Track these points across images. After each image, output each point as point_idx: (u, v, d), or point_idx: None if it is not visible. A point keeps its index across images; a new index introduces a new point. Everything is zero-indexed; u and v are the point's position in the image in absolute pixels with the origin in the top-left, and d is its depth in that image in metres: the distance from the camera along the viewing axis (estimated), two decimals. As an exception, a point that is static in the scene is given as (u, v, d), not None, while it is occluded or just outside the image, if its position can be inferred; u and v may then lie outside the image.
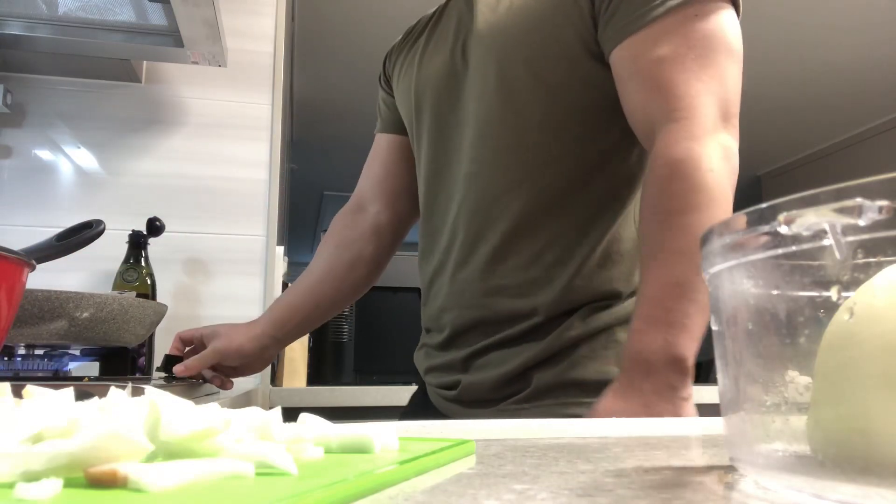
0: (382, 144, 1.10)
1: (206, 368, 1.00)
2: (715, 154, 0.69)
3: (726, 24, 0.74)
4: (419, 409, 0.97)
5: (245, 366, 1.03)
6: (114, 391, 0.26)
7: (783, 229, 0.23)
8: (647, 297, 0.68)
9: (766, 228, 0.23)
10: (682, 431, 0.47)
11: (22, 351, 0.96)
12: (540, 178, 0.82)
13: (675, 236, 0.67)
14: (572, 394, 0.77)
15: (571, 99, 0.81)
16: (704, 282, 0.66)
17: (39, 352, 0.98)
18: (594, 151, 0.82)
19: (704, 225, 0.67)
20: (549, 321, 0.80)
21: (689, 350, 0.65)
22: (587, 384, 0.77)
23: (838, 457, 0.22)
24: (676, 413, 0.64)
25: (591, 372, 0.77)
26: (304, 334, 1.17)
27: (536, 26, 0.81)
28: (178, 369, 0.96)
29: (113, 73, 1.58)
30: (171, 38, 1.39)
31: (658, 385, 0.64)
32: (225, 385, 1.03)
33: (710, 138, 0.70)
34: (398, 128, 1.06)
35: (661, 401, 0.64)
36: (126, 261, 1.43)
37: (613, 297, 0.81)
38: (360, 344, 1.88)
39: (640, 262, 0.71)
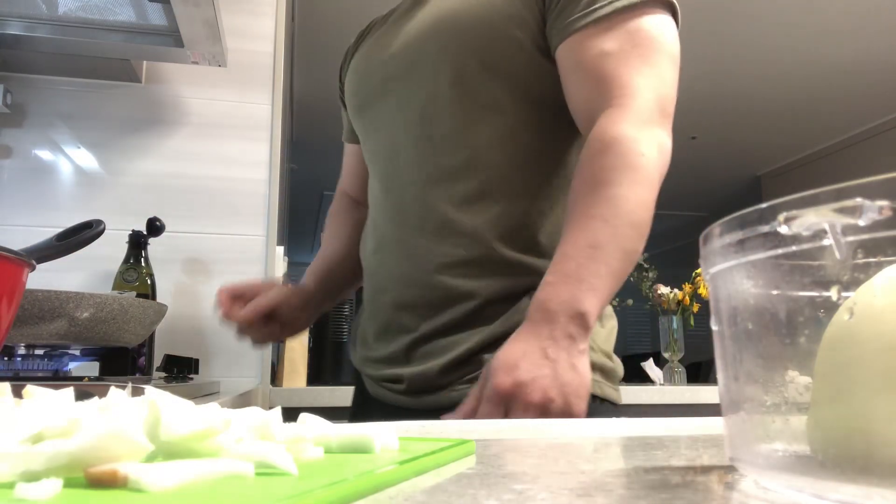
0: (351, 154, 1.15)
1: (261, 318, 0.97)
2: (649, 142, 0.73)
3: (668, 30, 0.79)
4: (364, 408, 0.95)
5: (289, 323, 1.01)
6: (114, 391, 0.26)
7: (783, 229, 0.23)
8: (561, 255, 0.70)
9: (766, 228, 0.23)
10: (682, 431, 0.47)
11: (22, 351, 0.96)
12: (485, 160, 0.83)
13: (598, 204, 0.71)
14: None
15: (520, 88, 0.83)
16: (621, 251, 0.69)
17: (39, 352, 0.98)
18: (537, 143, 0.84)
19: (629, 200, 0.70)
20: (492, 304, 0.81)
21: (593, 307, 0.68)
22: None
23: (838, 457, 0.22)
24: (570, 361, 0.66)
25: None
26: (340, 298, 1.15)
27: (488, 18, 0.83)
28: (247, 311, 0.93)
29: (113, 73, 1.58)
30: (171, 38, 1.39)
31: (557, 333, 0.67)
32: (283, 333, 1.00)
33: (646, 127, 0.74)
34: (356, 137, 1.08)
35: (558, 348, 0.66)
36: (126, 261, 1.43)
37: None
38: (360, 344, 1.87)
39: (564, 227, 0.73)
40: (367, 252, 0.94)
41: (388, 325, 0.88)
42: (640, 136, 0.72)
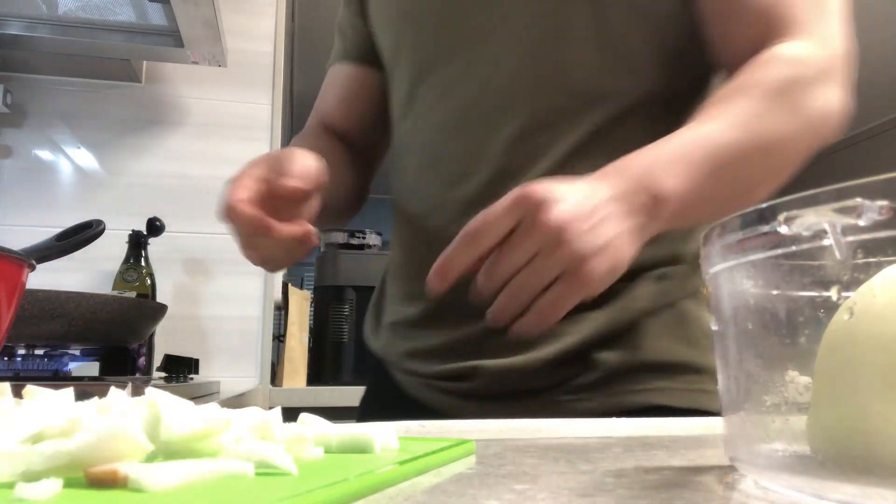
0: (351, 78, 0.85)
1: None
2: (829, 89, 0.59)
3: None
4: (393, 411, 0.68)
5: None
6: (114, 391, 0.26)
7: (783, 229, 0.23)
8: (667, 137, 0.54)
9: (766, 228, 0.23)
10: (682, 431, 0.47)
11: (22, 351, 0.96)
12: (597, 107, 0.66)
13: (739, 108, 0.56)
14: (643, 378, 0.63)
15: (658, 39, 0.67)
16: (740, 168, 0.56)
17: (39, 352, 0.98)
18: (663, 91, 0.68)
19: (780, 124, 0.57)
20: None
21: (675, 195, 0.52)
22: (660, 366, 0.63)
23: (838, 457, 0.22)
24: (618, 232, 0.49)
25: (663, 352, 0.64)
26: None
27: None
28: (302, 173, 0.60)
29: (113, 73, 1.58)
30: (171, 38, 1.39)
31: (618, 193, 0.50)
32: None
33: (831, 75, 0.59)
34: (368, 57, 0.83)
35: (611, 212, 0.49)
36: (126, 261, 1.43)
37: (675, 262, 0.67)
38: (359, 344, 1.88)
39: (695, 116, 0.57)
40: (414, 210, 0.73)
41: (441, 308, 0.67)
42: (821, 77, 0.58)
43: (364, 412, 0.81)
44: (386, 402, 0.76)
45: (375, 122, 0.84)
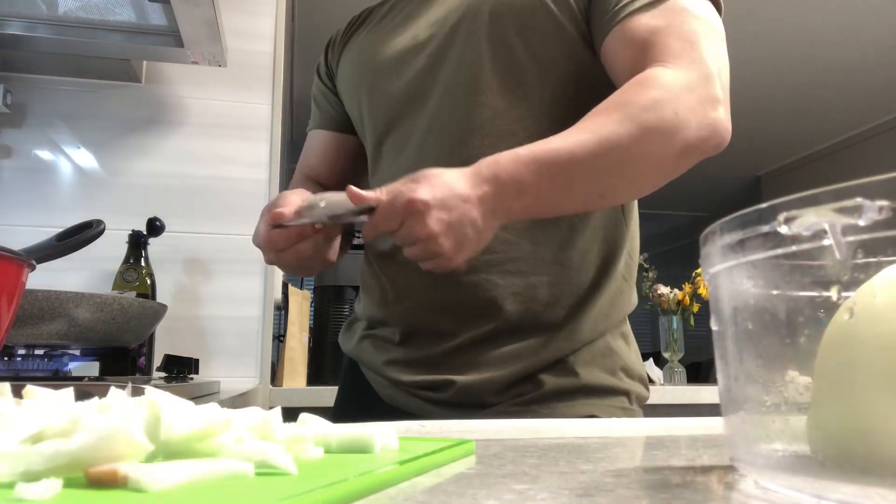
0: (328, 142, 1.01)
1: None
2: (694, 109, 0.67)
3: (716, 18, 0.76)
4: (367, 411, 0.86)
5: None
6: (114, 391, 0.26)
7: (783, 229, 0.23)
8: (538, 145, 0.66)
9: (766, 228, 0.23)
10: (682, 431, 0.47)
11: (22, 351, 0.95)
12: (509, 142, 0.78)
13: (602, 121, 0.66)
14: (580, 397, 0.77)
15: (561, 79, 0.79)
16: (581, 179, 0.66)
17: (39, 352, 0.98)
18: (557, 128, 0.79)
19: (631, 139, 0.65)
20: (566, 315, 0.77)
21: (520, 209, 0.66)
22: (594, 389, 0.77)
23: (838, 457, 0.22)
24: (486, 226, 0.65)
25: (596, 378, 0.78)
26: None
27: (531, 2, 0.79)
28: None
29: (113, 73, 1.58)
30: (171, 38, 1.39)
31: (490, 204, 0.64)
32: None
33: (698, 94, 0.67)
34: (343, 126, 0.99)
35: (484, 213, 0.64)
36: (126, 261, 1.43)
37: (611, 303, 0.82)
38: (360, 344, 1.87)
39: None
40: (382, 252, 0.87)
41: (412, 332, 0.82)
42: (686, 98, 0.67)
43: (339, 413, 0.93)
44: (361, 405, 0.89)
45: (357, 178, 0.99)
